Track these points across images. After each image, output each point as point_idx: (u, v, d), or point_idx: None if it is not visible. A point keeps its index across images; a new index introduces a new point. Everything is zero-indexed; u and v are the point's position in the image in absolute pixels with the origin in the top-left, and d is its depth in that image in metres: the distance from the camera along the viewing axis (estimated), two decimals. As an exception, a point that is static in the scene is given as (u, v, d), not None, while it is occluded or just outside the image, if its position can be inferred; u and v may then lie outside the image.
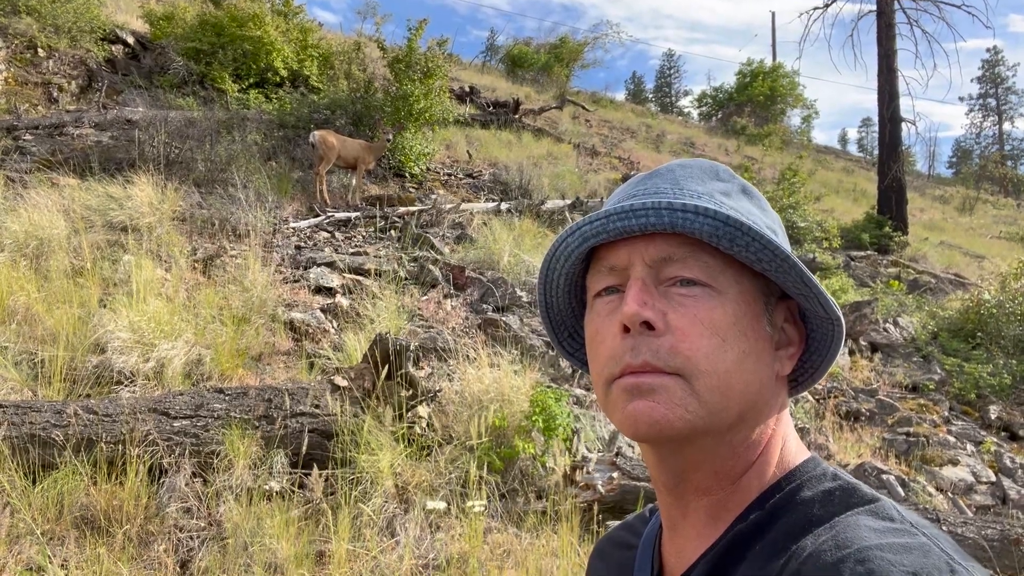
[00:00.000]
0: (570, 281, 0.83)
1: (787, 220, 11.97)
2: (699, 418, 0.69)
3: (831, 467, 0.72)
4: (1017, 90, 60.53)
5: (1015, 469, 5.74)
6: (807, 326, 0.79)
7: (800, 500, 0.68)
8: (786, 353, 0.77)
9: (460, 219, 9.56)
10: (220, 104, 11.69)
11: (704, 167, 0.80)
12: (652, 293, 0.71)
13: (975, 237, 21.15)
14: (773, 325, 0.75)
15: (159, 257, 6.48)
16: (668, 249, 0.71)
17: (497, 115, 16.62)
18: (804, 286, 0.72)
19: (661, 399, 0.68)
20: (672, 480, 0.76)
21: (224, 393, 3.74)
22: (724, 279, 0.71)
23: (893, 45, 15.13)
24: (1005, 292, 8.67)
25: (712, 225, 0.69)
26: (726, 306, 0.71)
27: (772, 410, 0.75)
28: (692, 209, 0.69)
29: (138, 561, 2.94)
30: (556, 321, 0.88)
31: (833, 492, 0.68)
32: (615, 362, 0.71)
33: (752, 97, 33.89)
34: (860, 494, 0.67)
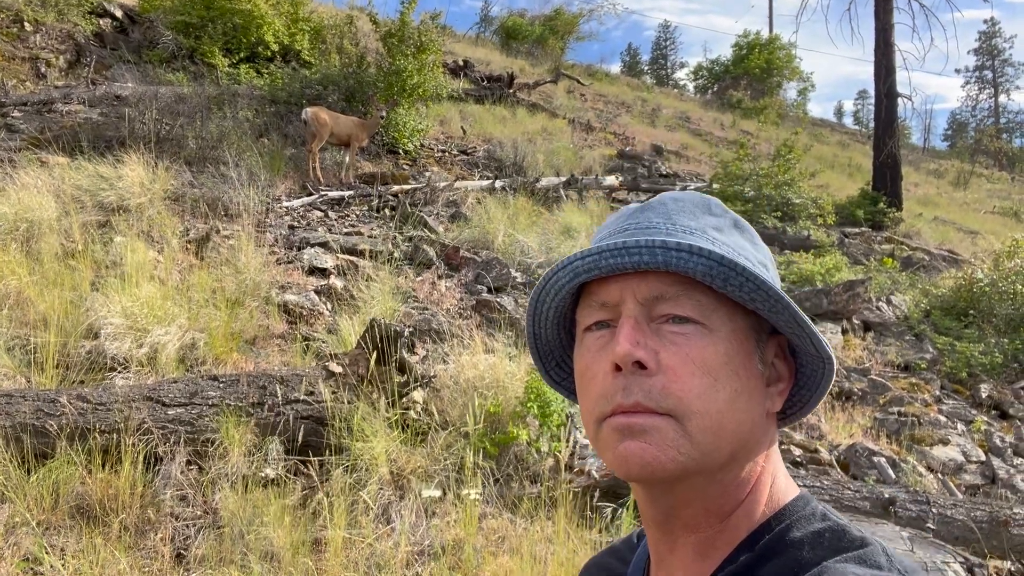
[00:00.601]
0: (559, 314, 0.82)
1: (782, 197, 11.95)
2: (691, 459, 0.68)
3: (820, 506, 0.72)
4: (1014, 62, 60.30)
5: (1005, 448, 5.80)
6: (797, 361, 0.79)
7: (790, 541, 0.68)
8: (776, 389, 0.76)
9: (454, 197, 9.51)
10: (210, 79, 11.53)
11: (696, 201, 0.79)
12: (644, 331, 0.70)
13: (969, 212, 21.17)
14: (764, 362, 0.75)
15: (151, 238, 6.44)
16: (661, 287, 0.71)
17: (491, 90, 16.46)
18: (797, 326, 0.72)
19: (653, 440, 0.68)
20: (661, 517, 0.75)
21: (218, 380, 3.74)
22: (716, 317, 0.71)
23: (890, 19, 14.99)
24: (998, 271, 8.70)
25: (706, 265, 0.68)
26: (718, 345, 0.70)
27: (762, 447, 0.74)
28: (686, 248, 0.69)
29: (135, 550, 2.96)
30: (544, 352, 0.88)
31: (823, 534, 0.67)
32: (606, 401, 0.71)
33: (748, 70, 33.64)
34: (850, 537, 0.66)
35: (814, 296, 8.10)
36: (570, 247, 7.57)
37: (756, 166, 12.49)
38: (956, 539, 3.90)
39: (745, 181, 12.13)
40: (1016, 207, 23.16)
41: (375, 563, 3.00)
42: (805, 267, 9.32)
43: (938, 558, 2.91)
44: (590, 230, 8.52)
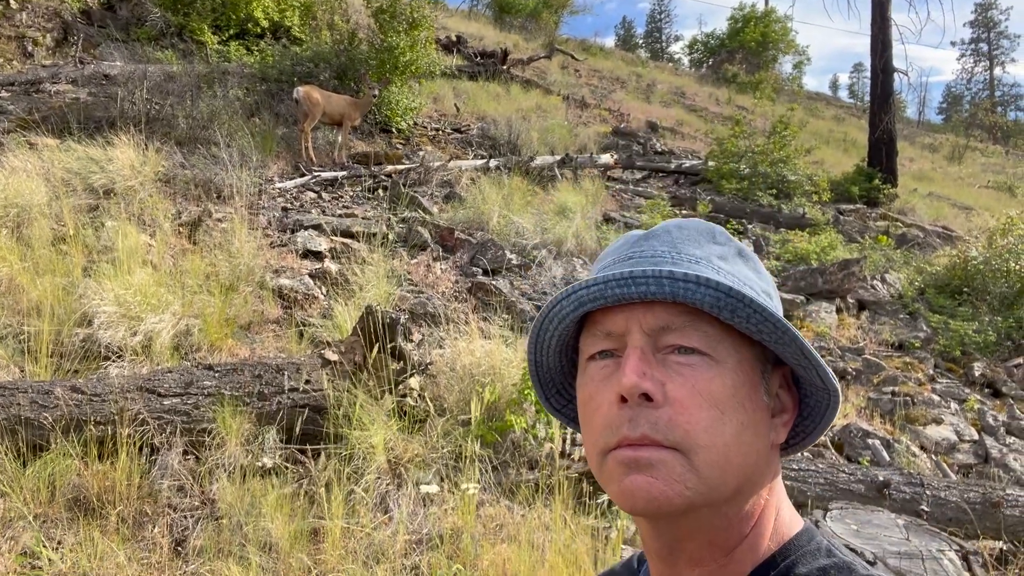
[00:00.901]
0: (562, 342, 0.81)
1: (778, 174, 11.91)
2: (698, 494, 0.67)
3: (824, 540, 0.72)
4: (1009, 34, 59.99)
5: (997, 427, 5.84)
6: (801, 391, 0.78)
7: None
8: (780, 420, 0.76)
9: (448, 177, 9.44)
10: (200, 57, 11.37)
11: (701, 229, 0.78)
12: (650, 362, 0.69)
13: (964, 187, 21.17)
14: (769, 393, 0.74)
15: (143, 222, 6.37)
16: (667, 318, 0.70)
17: (485, 66, 16.29)
18: (803, 357, 0.71)
19: (660, 474, 0.67)
20: (665, 550, 0.75)
21: (214, 369, 3.72)
22: (723, 348, 0.70)
23: (888, -7, 14.86)
24: (992, 248, 8.70)
25: (714, 296, 0.68)
26: (725, 376, 0.69)
27: (766, 480, 0.74)
28: (693, 279, 0.68)
29: (132, 542, 2.96)
30: (544, 379, 0.86)
31: (828, 571, 0.66)
32: (611, 432, 0.70)
33: (744, 43, 33.37)
34: (856, 575, 0.66)
35: (809, 275, 8.10)
36: (565, 228, 7.54)
37: (752, 143, 12.43)
38: (950, 521, 3.93)
39: (741, 158, 12.08)
40: (1010, 182, 23.18)
41: (373, 553, 3.01)
42: (800, 246, 9.32)
43: (933, 546, 2.94)
44: (585, 210, 8.49)
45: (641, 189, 11.56)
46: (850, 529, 3.21)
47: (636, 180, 12.35)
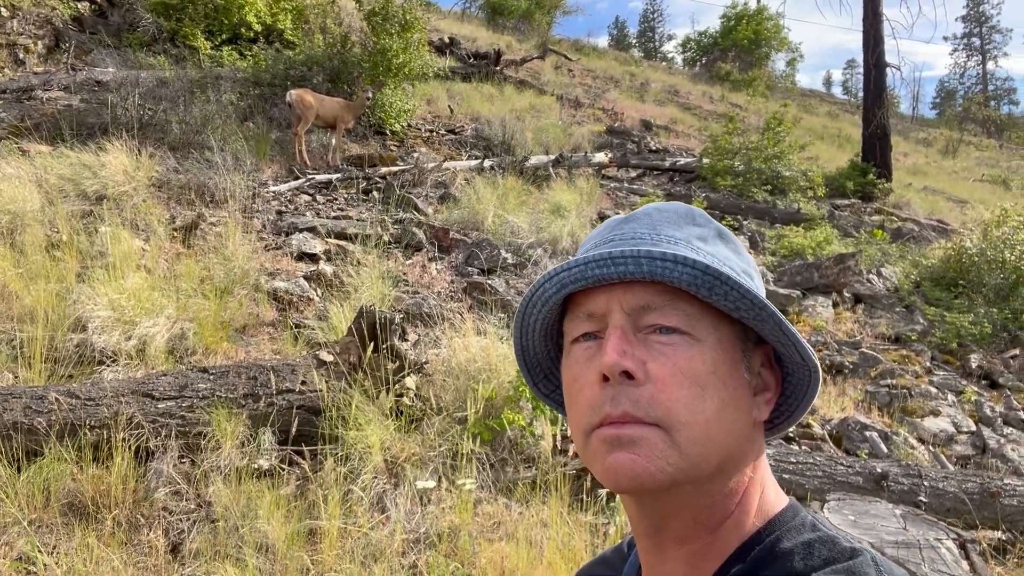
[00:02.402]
0: (546, 325, 0.81)
1: (772, 170, 11.92)
2: (680, 470, 0.67)
3: (809, 515, 0.72)
4: (1001, 29, 60.11)
5: (994, 418, 5.85)
6: (783, 369, 0.78)
7: (780, 552, 0.67)
8: (763, 399, 0.76)
9: (443, 178, 9.43)
10: (192, 62, 11.35)
11: (681, 211, 0.78)
12: (631, 341, 0.70)
13: (958, 181, 21.20)
14: (751, 371, 0.74)
15: (136, 227, 6.36)
16: (647, 297, 0.71)
17: (478, 67, 16.29)
18: (782, 334, 0.71)
19: (642, 451, 0.67)
20: (651, 528, 0.75)
21: (208, 372, 3.71)
22: (702, 327, 0.70)
23: (879, -12, 14.88)
24: (987, 240, 8.72)
25: (691, 274, 0.68)
26: (705, 354, 0.69)
27: (749, 457, 0.74)
28: (671, 258, 0.68)
29: (128, 546, 2.94)
30: (531, 364, 0.86)
31: (813, 544, 0.67)
32: (594, 411, 0.70)
33: (737, 41, 33.43)
34: (840, 548, 0.66)
35: (805, 270, 8.11)
36: (560, 227, 7.53)
37: (746, 139, 12.44)
38: (948, 511, 3.94)
39: (735, 155, 12.09)
40: (1005, 175, 23.23)
41: (371, 552, 3.00)
42: (796, 241, 9.33)
43: (931, 535, 2.93)
44: (580, 208, 8.48)
45: (636, 187, 11.56)
46: (848, 520, 3.21)
47: (631, 178, 12.35)
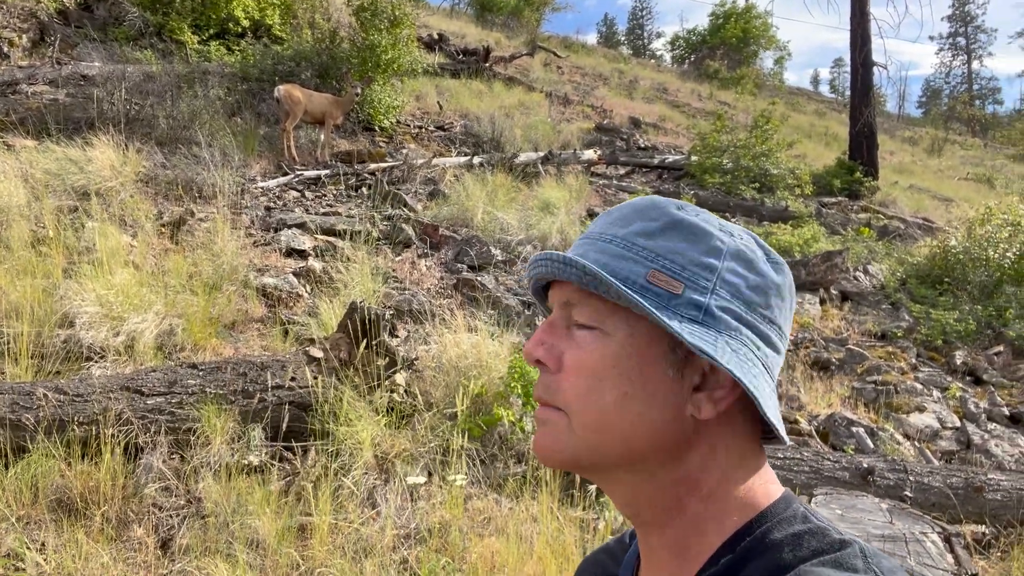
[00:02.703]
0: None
1: (760, 168, 11.99)
2: (577, 452, 0.73)
3: (801, 507, 0.73)
4: (986, 28, 60.65)
5: (979, 414, 5.92)
6: None
7: (770, 543, 0.68)
8: (706, 395, 0.73)
9: (432, 174, 9.42)
10: (179, 57, 11.26)
11: (638, 207, 0.77)
12: (556, 333, 0.77)
13: (943, 179, 21.40)
14: (677, 366, 0.73)
15: (124, 223, 6.32)
16: (568, 294, 0.76)
17: (467, 64, 16.27)
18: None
19: (548, 432, 0.75)
20: (626, 510, 0.78)
21: (198, 368, 3.69)
22: (611, 322, 0.73)
23: (866, -13, 14.99)
24: (971, 238, 8.81)
25: (577, 274, 0.72)
26: (608, 347, 0.72)
27: (696, 450, 0.73)
28: (561, 260, 0.74)
29: (118, 542, 2.93)
30: None
31: (802, 536, 0.68)
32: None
33: (725, 39, 33.56)
34: (829, 540, 0.67)
35: (792, 267, 8.15)
36: (549, 223, 7.55)
37: (734, 137, 12.50)
38: (933, 506, 3.98)
39: (723, 153, 12.15)
40: (989, 174, 23.46)
41: (362, 548, 3.00)
42: (783, 238, 9.39)
43: (916, 529, 2.97)
44: (569, 206, 8.50)
45: (625, 184, 11.59)
46: (835, 513, 3.25)
47: (620, 176, 12.39)
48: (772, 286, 0.73)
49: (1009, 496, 4.06)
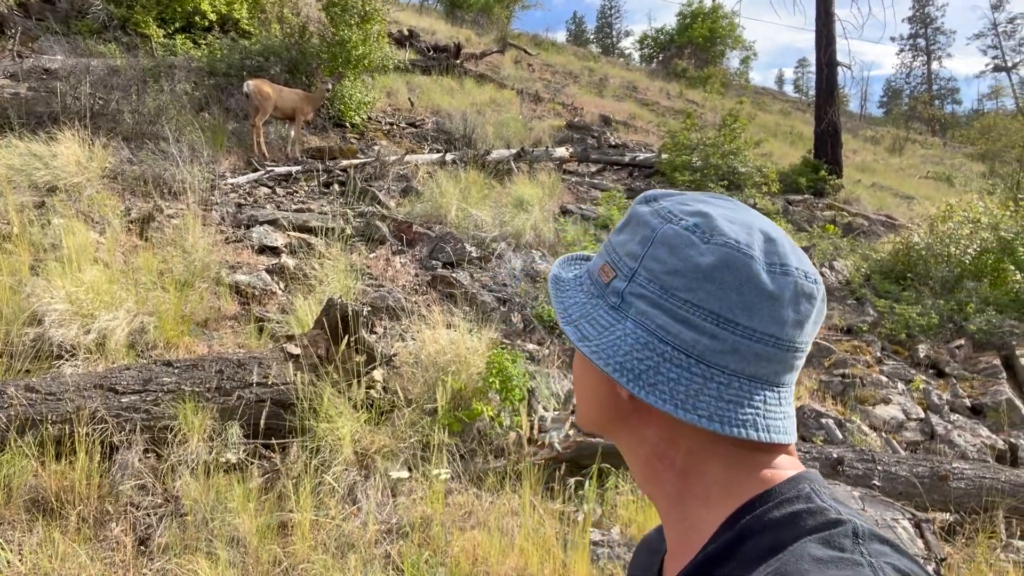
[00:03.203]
0: None
1: (729, 166, 12.14)
2: (580, 422, 0.88)
3: (810, 487, 0.72)
4: (945, 30, 62.04)
5: (942, 405, 6.09)
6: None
7: (769, 521, 0.69)
8: None
9: (405, 171, 9.39)
10: (145, 51, 11.06)
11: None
12: None
13: (905, 178, 21.88)
14: None
15: (91, 219, 6.20)
16: None
17: (438, 60, 16.22)
18: None
19: None
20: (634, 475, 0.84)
21: (173, 366, 3.65)
22: None
23: (831, -12, 15.25)
24: (933, 235, 9.04)
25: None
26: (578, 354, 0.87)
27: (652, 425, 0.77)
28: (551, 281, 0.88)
29: (95, 542, 2.89)
30: None
31: (800, 514, 0.68)
32: None
33: (692, 39, 33.88)
34: (824, 519, 0.67)
35: (761, 264, 8.29)
36: (523, 220, 7.57)
37: (703, 136, 12.64)
38: (900, 494, 4.10)
39: (693, 151, 12.28)
40: (949, 172, 24.04)
41: (344, 544, 3.00)
42: (752, 235, 9.51)
43: (888, 515, 3.06)
44: (543, 202, 8.53)
45: (597, 182, 11.66)
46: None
47: (591, 173, 12.46)
48: (694, 270, 0.70)
49: (973, 484, 4.19)
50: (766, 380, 0.72)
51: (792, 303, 0.71)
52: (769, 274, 0.70)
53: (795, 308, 0.71)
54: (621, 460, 3.76)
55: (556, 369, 4.67)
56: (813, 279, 0.73)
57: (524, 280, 6.59)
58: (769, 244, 0.72)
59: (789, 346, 0.72)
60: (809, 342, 0.75)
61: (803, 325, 0.72)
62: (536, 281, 6.62)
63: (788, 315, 0.71)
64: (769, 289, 0.70)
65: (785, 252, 0.72)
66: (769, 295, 0.70)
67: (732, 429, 0.70)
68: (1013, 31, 56.10)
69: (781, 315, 0.70)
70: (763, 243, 0.72)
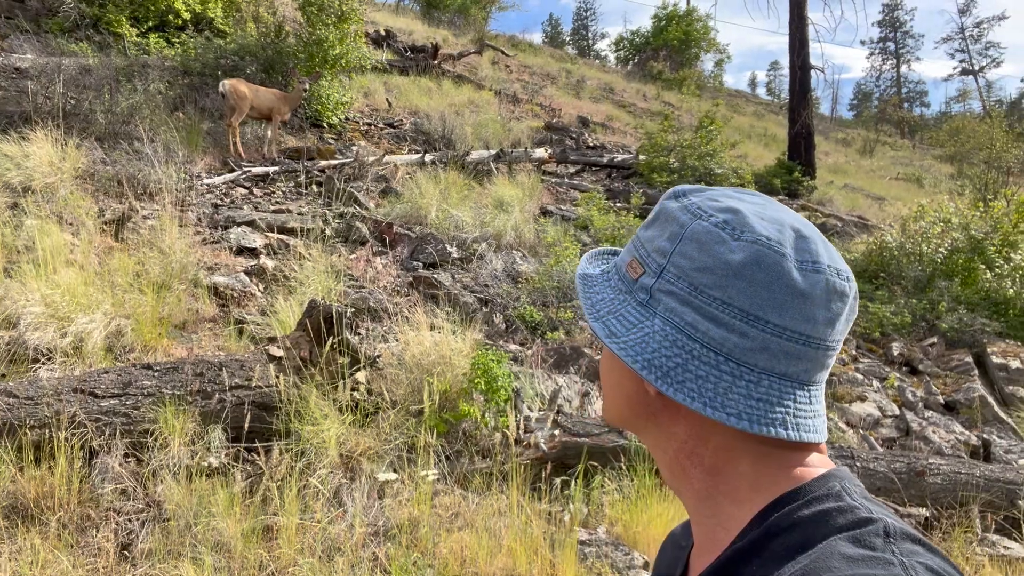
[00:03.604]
0: None
1: (705, 168, 12.25)
2: (606, 416, 0.89)
3: (839, 485, 0.71)
4: (914, 34, 63.17)
5: (916, 402, 6.20)
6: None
7: (798, 519, 0.69)
8: None
9: (384, 172, 9.34)
10: (117, 50, 10.89)
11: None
12: None
13: (876, 179, 22.24)
14: None
15: (64, 220, 6.09)
16: None
17: (416, 61, 16.17)
18: None
19: None
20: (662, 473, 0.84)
21: (153, 369, 3.60)
22: None
23: (804, -8, 15.48)
24: (906, 235, 9.19)
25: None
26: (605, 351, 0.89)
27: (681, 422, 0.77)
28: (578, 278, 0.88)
29: (76, 548, 2.84)
30: None
31: (830, 513, 0.68)
32: None
33: (668, 41, 34.15)
34: (854, 517, 0.66)
35: (739, 264, 8.37)
36: (504, 221, 7.57)
37: (680, 137, 12.75)
38: (878, 490, 4.16)
39: (670, 152, 12.38)
40: (918, 173, 24.47)
41: (330, 547, 2.98)
42: (729, 236, 9.60)
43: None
44: (523, 203, 8.55)
45: (576, 183, 11.70)
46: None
47: (570, 174, 12.50)
48: (724, 267, 0.70)
49: (948, 479, 4.27)
50: (796, 378, 0.71)
51: (823, 301, 0.70)
52: (800, 271, 0.69)
53: (826, 306, 0.70)
54: (606, 459, 3.78)
55: (540, 369, 4.68)
56: (845, 276, 0.72)
57: (506, 281, 6.59)
58: (800, 241, 0.71)
59: (820, 344, 0.71)
60: (840, 340, 0.73)
61: (834, 323, 0.71)
62: (518, 282, 6.63)
63: (819, 313, 0.70)
64: (800, 287, 0.69)
65: (817, 249, 0.71)
66: (800, 293, 0.69)
67: (761, 428, 0.69)
68: (980, 35, 57.32)
69: (812, 313, 0.70)
70: (794, 240, 0.71)
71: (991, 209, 9.10)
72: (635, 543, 3.30)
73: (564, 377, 4.79)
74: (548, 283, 6.31)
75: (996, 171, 15.06)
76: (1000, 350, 7.16)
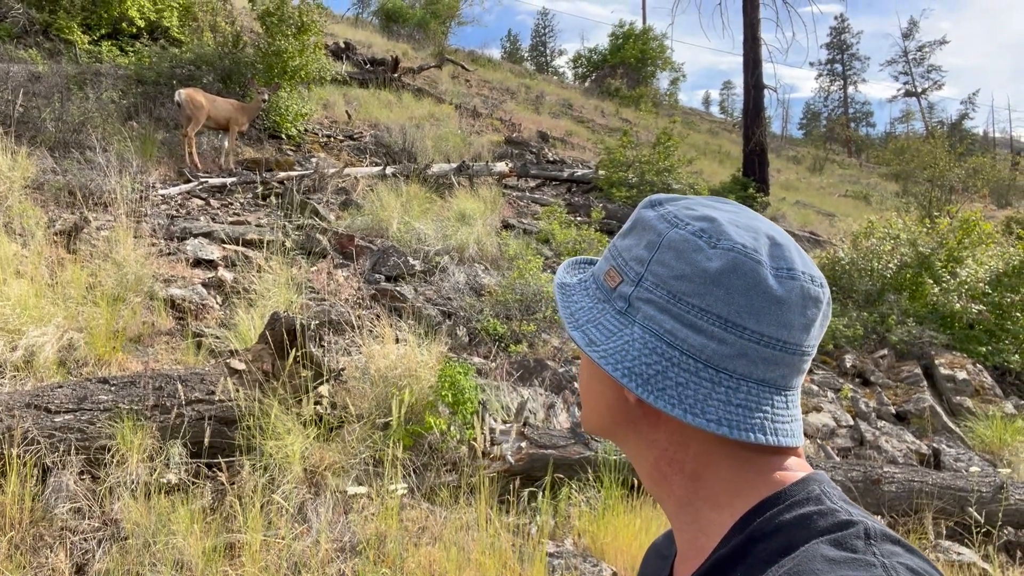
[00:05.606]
0: None
1: (663, 183, 12.45)
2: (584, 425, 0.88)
3: (819, 488, 0.73)
4: (860, 56, 65.30)
5: (869, 413, 6.36)
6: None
7: (779, 524, 0.69)
8: None
9: (344, 184, 9.27)
10: (68, 57, 10.63)
11: None
12: None
13: (825, 196, 22.88)
14: None
15: (12, 230, 5.89)
16: None
17: (375, 73, 16.12)
18: None
19: None
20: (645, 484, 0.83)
21: (109, 383, 3.49)
22: None
23: (757, 14, 15.91)
24: (857, 250, 9.46)
25: None
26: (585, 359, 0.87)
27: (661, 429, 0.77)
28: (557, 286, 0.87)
29: (29, 569, 2.73)
30: None
31: (811, 516, 0.68)
32: None
33: (624, 59, 34.70)
34: (835, 519, 0.67)
35: (698, 277, 8.51)
36: (466, 234, 7.57)
37: (639, 153, 12.94)
38: (837, 498, 4.26)
39: (629, 168, 12.55)
40: (865, 191, 25.25)
41: (295, 563, 2.92)
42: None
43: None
44: (485, 216, 8.56)
45: (537, 196, 11.78)
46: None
47: (531, 188, 12.57)
48: (702, 275, 0.70)
49: (903, 487, 4.39)
50: (774, 384, 0.72)
51: (799, 307, 0.71)
52: (776, 278, 0.70)
53: (802, 312, 0.71)
54: (573, 471, 3.79)
55: (505, 382, 4.68)
56: (819, 283, 0.73)
57: (469, 294, 6.58)
58: (775, 248, 0.72)
59: (796, 350, 0.72)
60: (815, 345, 0.75)
61: (810, 328, 0.72)
62: (481, 295, 6.62)
63: (795, 319, 0.71)
64: (776, 293, 0.70)
65: (791, 256, 0.72)
66: (776, 299, 0.70)
67: (741, 433, 0.69)
68: (922, 59, 59.57)
69: (788, 319, 0.70)
70: (769, 247, 0.72)
71: (937, 226, 9.43)
72: (603, 554, 3.31)
73: (529, 389, 4.80)
74: (511, 296, 6.33)
75: (940, 189, 15.63)
76: (947, 362, 7.40)
